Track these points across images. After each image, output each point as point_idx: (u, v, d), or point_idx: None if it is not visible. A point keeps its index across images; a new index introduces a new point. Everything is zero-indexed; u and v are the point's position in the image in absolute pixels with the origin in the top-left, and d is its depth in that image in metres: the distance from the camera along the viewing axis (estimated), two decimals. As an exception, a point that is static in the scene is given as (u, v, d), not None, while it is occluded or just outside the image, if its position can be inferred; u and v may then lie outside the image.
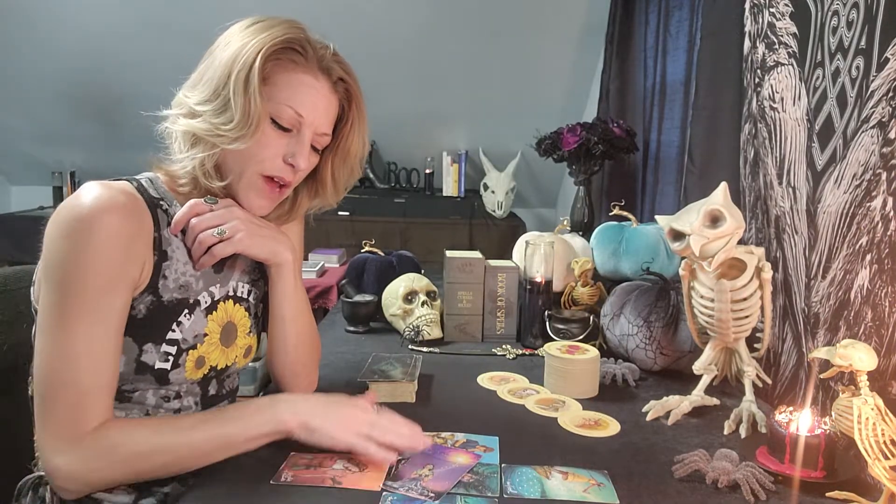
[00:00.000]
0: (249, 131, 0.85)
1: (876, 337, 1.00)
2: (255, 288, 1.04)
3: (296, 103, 0.89)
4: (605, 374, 1.24)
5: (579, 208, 2.47)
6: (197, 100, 0.87)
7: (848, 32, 1.08)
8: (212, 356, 0.95)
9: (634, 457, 0.95)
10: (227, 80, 0.85)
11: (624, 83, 2.66)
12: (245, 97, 0.84)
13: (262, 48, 0.85)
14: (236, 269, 1.00)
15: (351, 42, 3.50)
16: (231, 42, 0.87)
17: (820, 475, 0.86)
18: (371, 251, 1.81)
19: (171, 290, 0.89)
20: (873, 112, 1.02)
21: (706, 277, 1.06)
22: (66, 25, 3.07)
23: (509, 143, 3.48)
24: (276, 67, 0.88)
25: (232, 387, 1.04)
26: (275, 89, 0.88)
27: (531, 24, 3.07)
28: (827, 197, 1.13)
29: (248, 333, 1.02)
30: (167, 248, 0.89)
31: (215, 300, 0.95)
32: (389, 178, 3.74)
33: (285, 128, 0.90)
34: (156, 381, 0.89)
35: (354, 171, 1.02)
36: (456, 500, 0.80)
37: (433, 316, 1.50)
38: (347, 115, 0.98)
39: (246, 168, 0.90)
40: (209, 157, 0.88)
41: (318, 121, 0.92)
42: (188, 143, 0.88)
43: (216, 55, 0.88)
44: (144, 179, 0.92)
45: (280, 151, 0.90)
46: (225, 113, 0.85)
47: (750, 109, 1.42)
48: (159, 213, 0.89)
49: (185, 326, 0.91)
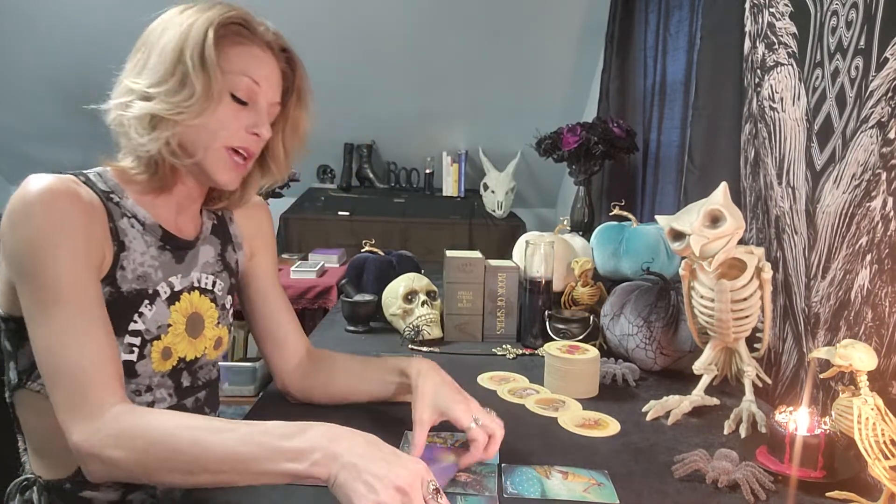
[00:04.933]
0: (211, 104, 0.87)
1: (876, 337, 1.00)
2: (219, 279, 1.03)
3: (251, 72, 0.91)
4: (605, 374, 1.24)
5: (579, 208, 2.47)
6: (148, 83, 0.87)
7: (847, 32, 1.08)
8: (178, 347, 0.95)
9: (634, 457, 0.95)
10: (179, 58, 0.85)
11: (624, 83, 2.66)
12: (203, 71, 0.85)
13: (211, 24, 0.87)
14: (198, 260, 1.00)
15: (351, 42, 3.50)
16: (169, 26, 0.88)
17: (820, 475, 0.86)
18: (371, 251, 1.81)
19: (130, 280, 0.89)
20: (872, 112, 1.02)
21: (706, 277, 1.06)
22: (65, 24, 3.07)
23: (509, 143, 3.47)
24: (224, 42, 0.89)
25: (208, 378, 1.03)
26: (228, 62, 0.89)
27: (531, 24, 3.07)
28: (826, 197, 1.13)
29: (216, 325, 1.02)
30: (124, 239, 0.90)
31: (176, 291, 0.95)
32: (389, 177, 3.74)
33: (242, 101, 0.91)
34: (124, 375, 0.88)
35: (303, 142, 1.03)
36: (455, 501, 0.81)
37: (433, 316, 1.50)
38: (293, 85, 0.99)
39: (212, 143, 0.90)
40: (173, 136, 0.88)
41: (272, 90, 0.94)
42: (148, 127, 0.87)
43: (156, 40, 0.88)
44: (92, 174, 0.92)
45: (242, 123, 0.91)
46: (183, 90, 0.85)
47: (750, 109, 1.41)
48: (111, 205, 0.89)
49: (147, 317, 0.90)
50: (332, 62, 3.11)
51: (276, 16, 0.96)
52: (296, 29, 1.08)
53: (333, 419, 1.03)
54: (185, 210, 0.99)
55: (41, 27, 3.09)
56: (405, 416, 0.93)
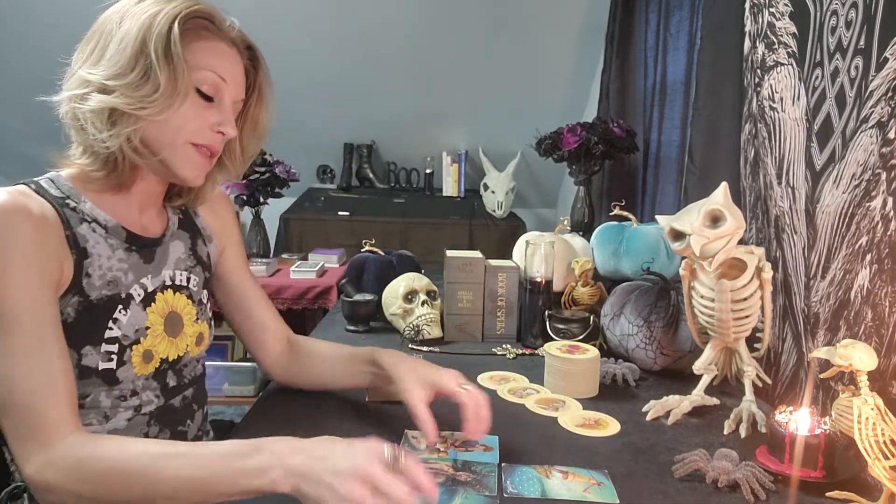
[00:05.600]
0: (177, 100, 0.84)
1: (876, 337, 1.00)
2: (192, 275, 1.01)
3: (218, 68, 0.88)
4: (605, 373, 1.24)
5: (579, 208, 2.47)
6: (106, 74, 0.82)
7: (847, 32, 1.08)
8: (159, 348, 0.93)
9: (634, 457, 0.95)
10: (141, 49, 0.82)
11: (624, 83, 2.66)
12: (169, 65, 0.82)
13: (177, 16, 0.84)
14: (169, 257, 0.98)
15: (351, 42, 3.50)
16: (127, 16, 0.84)
17: (820, 475, 0.86)
18: (371, 251, 1.81)
19: (99, 287, 0.87)
20: (872, 112, 1.02)
21: (706, 277, 1.06)
22: (65, 23, 3.06)
23: (509, 143, 3.47)
24: (189, 35, 0.86)
25: (193, 375, 1.02)
26: (193, 56, 0.86)
27: (531, 25, 3.07)
28: (826, 197, 1.13)
29: (195, 321, 1.00)
30: (85, 245, 0.86)
31: (149, 292, 0.93)
32: (389, 178, 3.74)
33: (208, 96, 0.88)
34: (104, 383, 0.87)
35: (261, 141, 1.01)
36: (455, 497, 0.81)
37: (433, 315, 1.50)
38: (254, 83, 0.97)
39: (176, 139, 0.87)
40: (134, 133, 0.84)
41: (238, 88, 0.92)
42: (107, 122, 0.83)
43: (113, 29, 0.84)
44: (44, 180, 0.88)
45: (207, 121, 0.89)
46: (146, 84, 0.82)
47: (750, 109, 1.41)
48: (67, 211, 0.86)
49: (123, 322, 0.88)
50: (332, 62, 3.11)
51: (277, 16, 0.96)
52: (297, 29, 1.07)
53: (330, 420, 1.04)
54: (148, 207, 0.97)
55: (42, 28, 3.09)
56: (405, 415, 0.93)
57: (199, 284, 1.03)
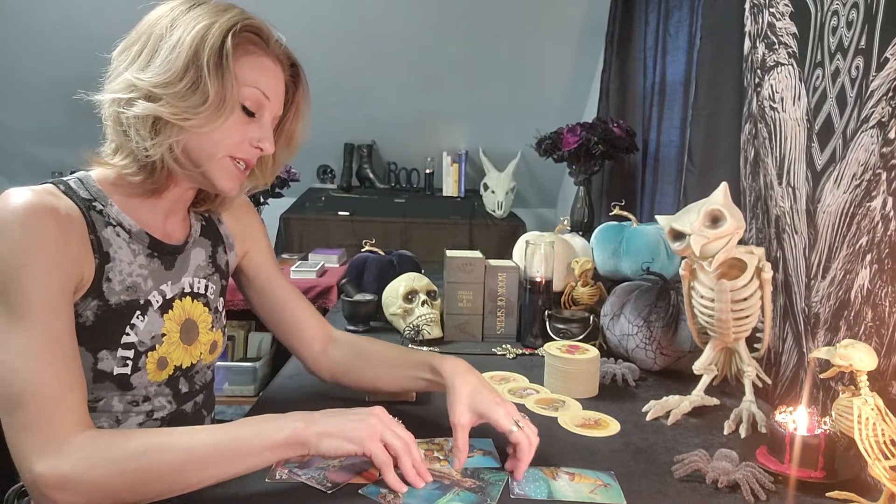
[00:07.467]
0: (224, 113, 0.83)
1: (876, 337, 1.00)
2: (210, 282, 1.01)
3: (262, 85, 0.88)
4: (605, 374, 1.24)
5: (579, 208, 2.47)
6: (155, 81, 0.81)
7: (848, 32, 1.08)
8: (174, 356, 0.93)
9: (634, 457, 0.95)
10: (193, 61, 0.81)
11: (624, 83, 2.66)
12: (219, 79, 0.82)
13: (230, 30, 0.83)
14: (189, 264, 0.98)
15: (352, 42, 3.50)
16: (179, 23, 0.83)
17: (820, 475, 0.86)
18: (371, 251, 1.81)
19: (118, 292, 0.86)
20: (873, 112, 1.02)
21: (706, 277, 1.06)
22: (67, 24, 3.07)
23: (509, 143, 3.47)
24: (238, 50, 0.85)
25: (204, 381, 1.02)
26: (241, 72, 0.85)
27: (531, 25, 3.07)
28: (826, 197, 1.13)
29: (210, 329, 0.99)
30: (108, 250, 0.86)
31: (168, 299, 0.93)
32: (389, 178, 3.74)
33: (250, 112, 0.88)
34: (118, 388, 0.87)
35: (293, 153, 1.01)
36: (447, 493, 0.81)
37: (433, 315, 1.50)
38: (293, 99, 0.97)
39: (216, 152, 0.87)
40: (177, 143, 0.84)
41: (278, 105, 0.92)
42: (151, 129, 0.83)
43: (164, 34, 0.83)
44: (73, 181, 0.87)
45: (246, 136, 0.89)
46: (194, 96, 0.81)
47: (750, 109, 1.41)
48: (93, 214, 0.85)
49: (140, 328, 0.88)
50: (332, 62, 3.11)
51: (278, 16, 0.95)
52: (297, 29, 1.07)
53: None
54: (173, 214, 0.96)
55: (45, 29, 3.09)
56: (406, 417, 0.92)
57: (216, 292, 1.02)
